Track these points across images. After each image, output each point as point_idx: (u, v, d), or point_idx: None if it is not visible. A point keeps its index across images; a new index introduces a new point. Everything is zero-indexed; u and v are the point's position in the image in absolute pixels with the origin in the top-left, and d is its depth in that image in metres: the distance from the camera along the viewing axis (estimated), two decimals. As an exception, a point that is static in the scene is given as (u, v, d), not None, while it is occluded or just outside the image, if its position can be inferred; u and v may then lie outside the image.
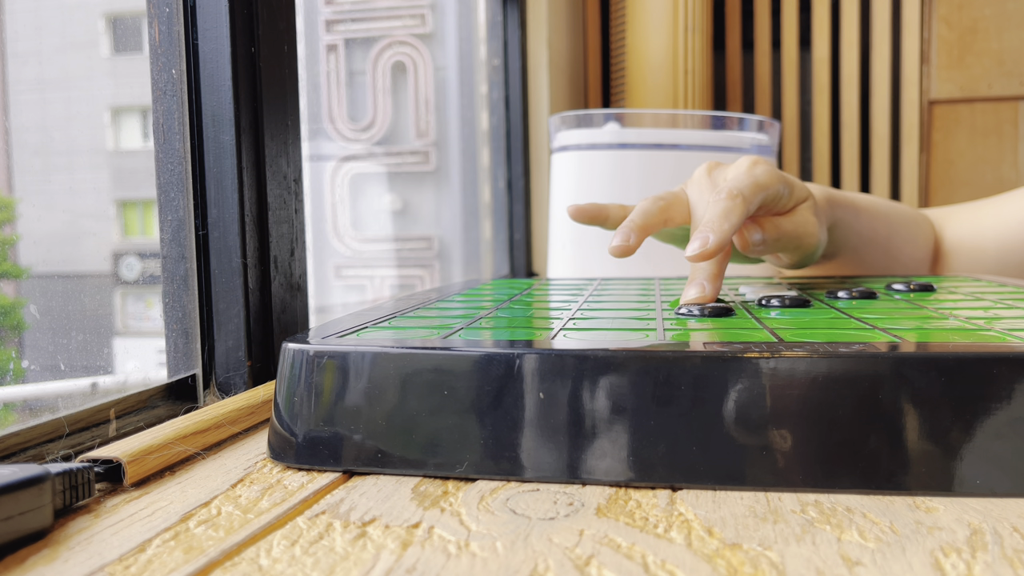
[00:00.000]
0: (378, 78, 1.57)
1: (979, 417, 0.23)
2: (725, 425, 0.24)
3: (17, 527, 0.20)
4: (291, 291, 0.42)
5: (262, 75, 0.40)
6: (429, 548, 0.20)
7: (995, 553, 0.19)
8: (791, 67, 1.59)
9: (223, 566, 0.20)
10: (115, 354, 0.75)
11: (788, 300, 0.37)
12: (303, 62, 1.53)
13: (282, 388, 0.28)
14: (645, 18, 1.34)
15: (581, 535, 0.21)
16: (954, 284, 0.47)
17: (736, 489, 0.24)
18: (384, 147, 1.59)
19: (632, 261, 0.76)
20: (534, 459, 0.25)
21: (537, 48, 1.20)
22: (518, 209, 1.17)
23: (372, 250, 1.61)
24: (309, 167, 1.58)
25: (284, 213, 0.42)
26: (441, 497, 0.24)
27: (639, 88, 1.35)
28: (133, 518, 0.23)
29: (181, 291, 0.39)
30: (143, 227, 1.21)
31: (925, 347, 0.26)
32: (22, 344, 0.67)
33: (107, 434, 0.32)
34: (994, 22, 1.53)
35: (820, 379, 0.24)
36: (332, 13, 1.61)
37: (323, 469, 0.27)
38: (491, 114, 1.18)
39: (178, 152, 0.39)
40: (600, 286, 0.49)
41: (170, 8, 0.38)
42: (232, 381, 0.39)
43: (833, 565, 0.19)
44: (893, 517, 0.22)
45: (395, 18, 1.59)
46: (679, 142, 0.77)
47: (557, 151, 0.83)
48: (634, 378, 0.25)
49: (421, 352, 0.26)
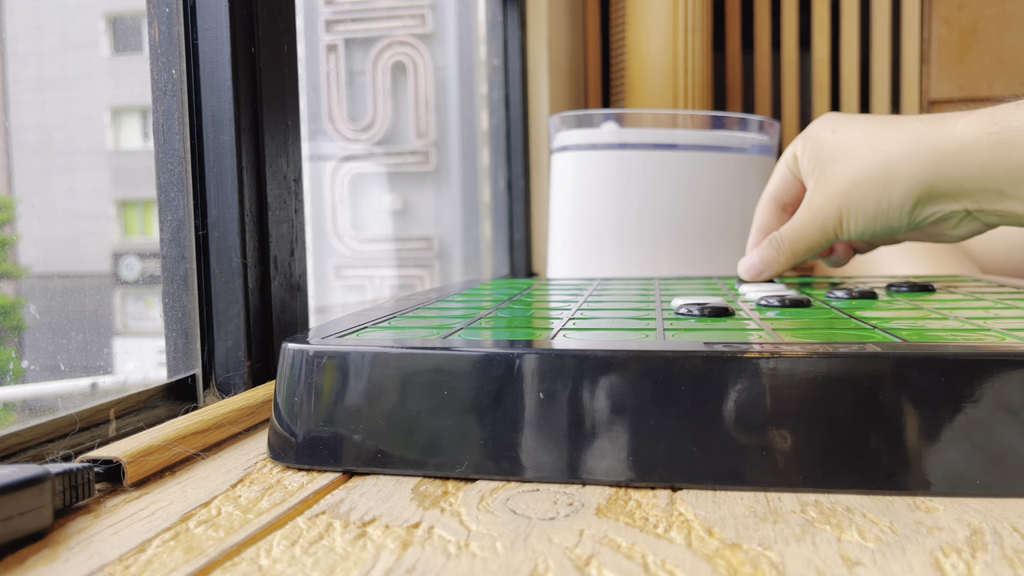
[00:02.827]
0: (378, 78, 1.57)
1: (979, 417, 0.23)
2: (725, 425, 0.24)
3: (17, 527, 0.20)
4: (291, 291, 0.42)
5: (262, 75, 0.40)
6: (429, 548, 0.20)
7: (995, 553, 0.19)
8: (791, 67, 1.59)
9: (223, 566, 0.20)
10: (115, 354, 0.75)
11: (788, 300, 0.37)
12: (303, 62, 1.53)
13: (282, 388, 0.28)
14: (645, 18, 1.34)
15: (581, 535, 0.21)
16: (954, 284, 0.47)
17: (736, 489, 0.24)
18: (384, 147, 1.59)
19: (632, 261, 0.76)
20: (534, 459, 0.25)
21: (537, 48, 1.20)
22: (518, 209, 1.17)
23: (372, 250, 1.61)
24: (309, 167, 1.58)
25: (284, 213, 0.42)
26: (441, 497, 0.24)
27: (639, 88, 1.35)
28: (133, 518, 0.23)
29: (181, 291, 0.39)
30: (143, 227, 1.21)
31: (925, 347, 0.26)
32: (22, 344, 0.67)
33: (107, 434, 0.32)
34: (994, 22, 1.53)
35: (820, 379, 0.24)
36: (332, 13, 1.61)
37: (323, 469, 0.27)
38: (491, 114, 1.18)
39: (178, 152, 0.39)
40: (600, 286, 0.49)
41: (170, 8, 0.38)
42: (232, 381, 0.39)
43: (833, 565, 0.19)
44: (893, 517, 0.22)
45: (395, 18, 1.59)
46: (679, 142, 0.77)
47: (557, 151, 0.83)
48: (634, 378, 0.25)
49: (421, 352, 0.26)
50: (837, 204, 0.41)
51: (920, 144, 0.38)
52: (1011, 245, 0.89)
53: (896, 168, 0.39)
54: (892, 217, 0.40)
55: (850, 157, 0.41)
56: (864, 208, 0.40)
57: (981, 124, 0.36)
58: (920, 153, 0.38)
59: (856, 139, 0.41)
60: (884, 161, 0.39)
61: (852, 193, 0.41)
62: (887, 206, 0.40)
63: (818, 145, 0.43)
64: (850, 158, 0.41)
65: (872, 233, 0.42)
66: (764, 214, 0.49)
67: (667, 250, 0.75)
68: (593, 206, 0.78)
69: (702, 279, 0.54)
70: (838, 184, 0.41)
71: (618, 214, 0.77)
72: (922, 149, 0.38)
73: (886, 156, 0.39)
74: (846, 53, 1.59)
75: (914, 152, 0.38)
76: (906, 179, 0.39)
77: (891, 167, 0.39)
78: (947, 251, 0.86)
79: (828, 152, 0.42)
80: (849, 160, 0.41)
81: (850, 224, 0.41)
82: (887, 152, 0.39)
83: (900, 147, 0.39)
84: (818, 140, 0.43)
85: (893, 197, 0.39)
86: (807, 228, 0.43)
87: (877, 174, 0.40)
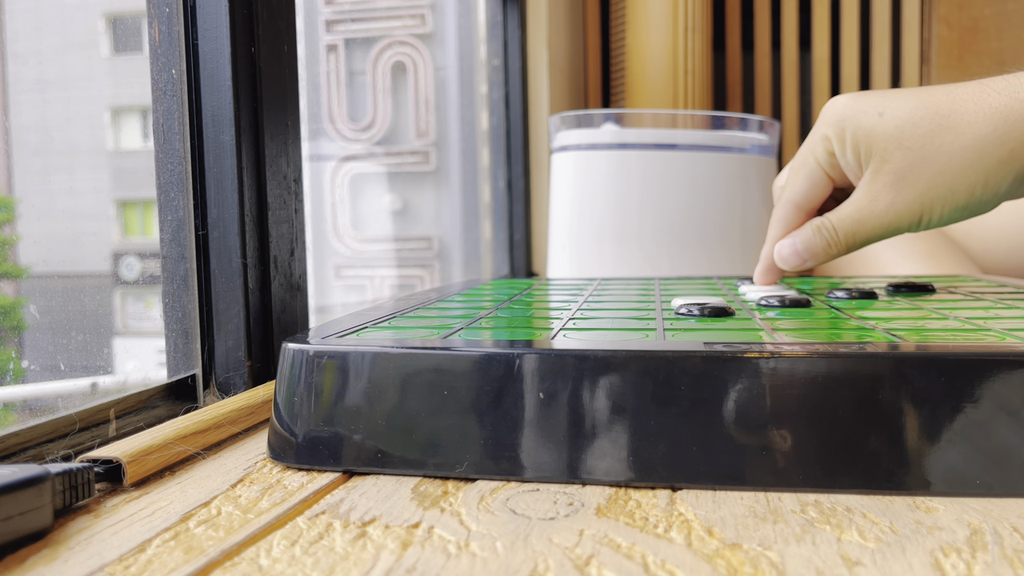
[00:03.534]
0: (378, 78, 1.57)
1: (979, 417, 0.23)
2: (725, 425, 0.24)
3: (17, 527, 0.20)
4: (291, 291, 0.42)
5: (262, 75, 0.40)
6: (429, 548, 0.20)
7: (995, 553, 0.19)
8: (791, 67, 1.59)
9: (223, 566, 0.20)
10: (115, 354, 0.75)
11: (788, 300, 0.37)
12: (303, 62, 1.52)
13: (282, 388, 0.28)
14: (645, 18, 1.34)
15: (581, 535, 0.21)
16: (954, 284, 0.47)
17: (736, 489, 0.24)
18: (384, 147, 1.59)
19: (632, 261, 0.76)
20: (534, 459, 0.25)
21: (537, 48, 1.19)
22: (518, 209, 1.17)
23: (372, 250, 1.61)
24: (309, 167, 1.59)
25: (284, 213, 0.42)
26: (441, 497, 0.24)
27: (639, 88, 1.35)
28: (133, 518, 0.23)
29: (181, 291, 0.39)
30: (143, 227, 1.21)
31: (925, 347, 0.26)
32: (22, 344, 0.67)
33: (107, 434, 0.32)
34: (994, 22, 1.53)
35: (820, 379, 0.24)
36: (332, 13, 1.61)
37: (323, 469, 0.27)
38: (491, 114, 1.18)
39: (178, 152, 0.39)
40: (600, 286, 0.49)
41: (170, 8, 0.38)
42: (232, 381, 0.39)
43: (833, 565, 0.19)
44: (893, 517, 0.22)
45: (395, 18, 1.59)
46: (679, 142, 0.77)
47: (557, 151, 0.83)
48: (634, 378, 0.25)
49: (421, 352, 0.26)
50: (918, 195, 0.38)
51: (1012, 122, 0.35)
52: (1012, 245, 0.89)
53: (992, 152, 0.36)
54: (985, 202, 0.37)
55: (926, 144, 0.37)
56: (953, 198, 0.37)
57: None
58: (1015, 131, 0.35)
59: (923, 120, 0.37)
60: (977, 147, 0.36)
61: (938, 183, 0.37)
62: (981, 192, 0.36)
63: (865, 132, 0.39)
64: (927, 145, 0.37)
65: (958, 219, 0.39)
66: (787, 221, 0.43)
67: (667, 250, 0.75)
68: (593, 206, 0.78)
69: (702, 279, 0.54)
70: (916, 174, 0.37)
71: (618, 214, 0.77)
72: (1017, 127, 0.35)
73: (977, 141, 0.36)
74: (846, 53, 1.58)
75: (1008, 131, 0.35)
76: (1005, 161, 0.36)
77: (986, 152, 0.36)
78: (947, 251, 0.86)
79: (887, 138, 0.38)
80: (926, 147, 0.37)
81: (933, 217, 0.38)
82: (976, 135, 0.36)
83: (990, 127, 0.35)
84: (863, 127, 0.39)
85: (989, 182, 0.36)
86: (873, 220, 0.39)
87: (970, 161, 0.36)
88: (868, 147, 0.39)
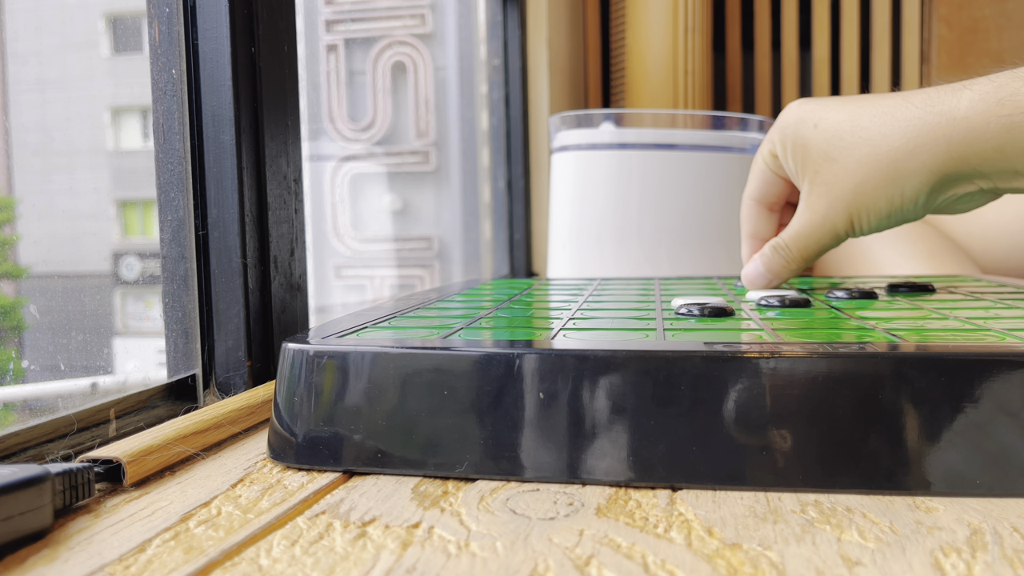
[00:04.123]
0: (378, 78, 1.57)
1: (979, 417, 0.23)
2: (725, 425, 0.24)
3: (17, 527, 0.20)
4: (291, 291, 0.42)
5: (262, 75, 0.40)
6: (429, 548, 0.20)
7: (995, 553, 0.19)
8: (791, 67, 1.59)
9: (223, 566, 0.20)
10: (115, 354, 0.75)
11: (788, 300, 0.37)
12: (303, 62, 1.52)
13: (282, 388, 0.28)
14: (645, 18, 1.34)
15: (581, 535, 0.21)
16: (954, 284, 0.47)
17: (736, 489, 0.24)
18: (384, 147, 1.59)
19: (632, 261, 0.76)
20: (534, 459, 0.25)
21: (537, 48, 1.19)
22: (518, 209, 1.17)
23: (372, 250, 1.61)
24: (309, 167, 1.58)
25: (284, 213, 0.42)
26: (441, 497, 0.24)
27: (639, 88, 1.35)
28: (133, 518, 0.23)
29: (181, 291, 0.39)
30: (143, 227, 1.21)
31: (925, 347, 0.26)
32: (22, 344, 0.67)
33: (107, 434, 0.32)
34: (994, 22, 1.53)
35: (820, 379, 0.24)
36: (332, 13, 1.61)
37: (323, 469, 0.27)
38: (491, 114, 1.18)
39: (178, 152, 0.39)
40: (600, 286, 0.49)
41: (170, 8, 0.38)
42: (232, 381, 0.39)
43: (833, 565, 0.19)
44: (893, 517, 0.22)
45: (395, 18, 1.59)
46: (679, 142, 0.77)
47: (557, 151, 0.83)
48: (634, 378, 0.25)
49: (421, 352, 0.26)
50: (845, 207, 0.39)
51: (924, 134, 0.36)
52: (1012, 245, 0.89)
53: (904, 164, 0.37)
54: (907, 211, 0.39)
55: (847, 156, 0.39)
56: (876, 208, 0.39)
57: (987, 105, 0.35)
58: (927, 144, 0.36)
59: (847, 134, 0.39)
60: (889, 158, 0.37)
61: (860, 195, 0.39)
62: (900, 202, 0.38)
63: (802, 143, 0.41)
64: (847, 158, 0.39)
65: (886, 227, 0.40)
66: (752, 218, 0.46)
67: (667, 250, 0.75)
68: (593, 206, 0.78)
69: (702, 279, 0.54)
70: (841, 186, 0.39)
71: (618, 214, 0.77)
72: (928, 139, 0.36)
73: (889, 152, 0.37)
74: (846, 53, 1.58)
75: (919, 144, 0.36)
76: (917, 172, 0.37)
77: (898, 164, 0.37)
78: (947, 251, 0.86)
79: (817, 151, 0.40)
80: (847, 160, 0.39)
81: (862, 224, 0.40)
82: (889, 148, 0.37)
83: (903, 140, 0.37)
84: (800, 137, 0.41)
85: (906, 192, 0.38)
86: (815, 233, 0.41)
87: (884, 173, 0.38)
88: (804, 158, 0.41)
